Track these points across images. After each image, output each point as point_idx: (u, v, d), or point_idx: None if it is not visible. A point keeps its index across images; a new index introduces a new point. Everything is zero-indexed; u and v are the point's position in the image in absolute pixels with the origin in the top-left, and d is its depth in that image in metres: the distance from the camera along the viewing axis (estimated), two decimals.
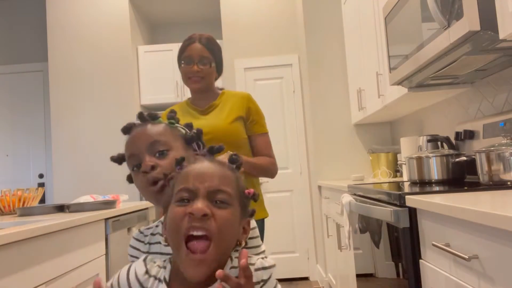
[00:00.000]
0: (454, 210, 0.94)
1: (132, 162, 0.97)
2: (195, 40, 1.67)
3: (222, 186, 0.76)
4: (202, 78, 1.66)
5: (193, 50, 1.65)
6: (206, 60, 1.66)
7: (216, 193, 0.75)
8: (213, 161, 0.82)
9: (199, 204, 0.72)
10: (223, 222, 0.74)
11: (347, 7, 3.29)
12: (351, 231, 2.05)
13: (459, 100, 2.18)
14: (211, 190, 0.75)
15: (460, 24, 1.31)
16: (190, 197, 0.75)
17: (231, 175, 0.81)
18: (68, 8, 4.16)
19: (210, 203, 0.74)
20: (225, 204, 0.76)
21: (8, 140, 4.71)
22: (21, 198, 2.14)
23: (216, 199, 0.75)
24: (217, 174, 0.77)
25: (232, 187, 0.78)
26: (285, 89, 4.00)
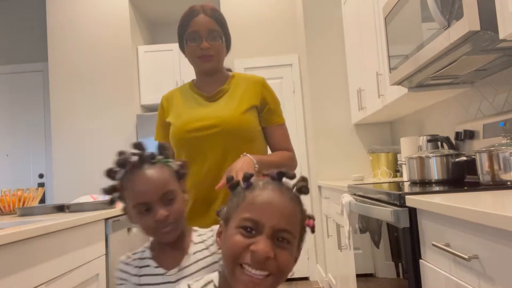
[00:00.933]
0: (454, 210, 0.94)
1: (141, 208, 0.99)
2: (199, 12, 1.39)
3: (289, 226, 0.76)
4: (213, 56, 1.39)
5: (199, 24, 1.37)
6: (216, 33, 1.38)
7: (281, 232, 0.75)
8: (282, 190, 0.80)
9: (263, 245, 0.72)
10: (284, 263, 0.75)
11: (347, 7, 3.28)
12: (351, 231, 2.05)
13: (459, 100, 2.18)
14: (277, 229, 0.74)
15: (460, 24, 1.31)
16: (254, 228, 0.74)
17: (298, 211, 0.80)
18: (68, 8, 4.16)
19: (273, 242, 0.74)
20: (288, 244, 0.76)
21: (8, 140, 4.71)
22: (21, 198, 2.14)
23: (280, 237, 0.75)
24: (286, 213, 0.76)
25: (297, 226, 0.78)
26: (285, 89, 4.00)
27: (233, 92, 1.44)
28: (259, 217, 0.74)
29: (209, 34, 1.38)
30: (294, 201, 0.79)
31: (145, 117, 4.02)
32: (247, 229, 0.74)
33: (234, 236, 0.75)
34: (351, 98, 3.36)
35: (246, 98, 1.41)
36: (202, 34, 1.37)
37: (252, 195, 0.77)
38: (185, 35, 1.41)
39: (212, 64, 1.40)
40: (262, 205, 0.75)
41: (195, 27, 1.38)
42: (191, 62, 1.45)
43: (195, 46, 1.39)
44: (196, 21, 1.38)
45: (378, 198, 1.63)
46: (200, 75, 1.47)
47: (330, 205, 2.97)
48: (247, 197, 0.77)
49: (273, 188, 0.78)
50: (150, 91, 4.23)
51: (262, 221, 0.73)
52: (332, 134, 3.45)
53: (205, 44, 1.37)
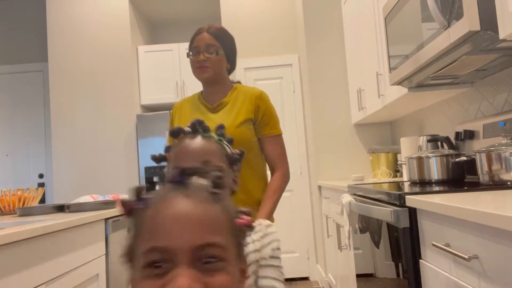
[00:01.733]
0: (454, 210, 0.94)
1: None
2: (203, 31, 1.59)
3: (211, 237, 0.53)
4: (209, 67, 1.55)
5: (199, 40, 1.57)
6: (212, 48, 1.56)
7: (203, 249, 0.53)
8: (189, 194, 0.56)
9: (180, 281, 0.50)
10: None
11: (347, 7, 3.28)
12: (351, 231, 2.05)
13: (459, 100, 2.18)
14: (195, 249, 0.52)
15: (460, 24, 1.31)
16: (165, 260, 0.52)
17: (219, 212, 0.57)
18: (68, 8, 4.16)
19: (197, 268, 0.52)
20: (220, 262, 0.53)
21: (8, 140, 4.71)
22: (21, 198, 2.14)
23: (205, 257, 0.53)
24: (202, 222, 0.54)
25: (224, 231, 0.56)
26: (285, 89, 4.00)
27: (233, 105, 1.59)
28: (166, 242, 0.52)
29: (206, 48, 1.56)
30: (208, 202, 0.56)
31: (145, 117, 4.02)
32: (156, 264, 0.52)
33: (141, 283, 0.52)
34: (351, 98, 3.36)
35: (243, 111, 1.56)
36: (201, 49, 1.56)
37: (150, 216, 0.55)
38: (190, 50, 1.61)
39: (207, 74, 1.57)
40: (165, 224, 0.53)
41: (196, 43, 1.58)
42: (193, 74, 1.62)
43: (194, 59, 1.58)
44: (197, 38, 1.58)
45: (378, 198, 1.63)
46: (203, 85, 1.65)
47: (330, 205, 2.97)
48: (145, 220, 0.55)
49: (174, 196, 0.56)
50: (150, 91, 4.23)
51: (171, 247, 0.51)
52: (332, 134, 3.46)
53: (201, 56, 1.56)
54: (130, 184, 3.96)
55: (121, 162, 4.02)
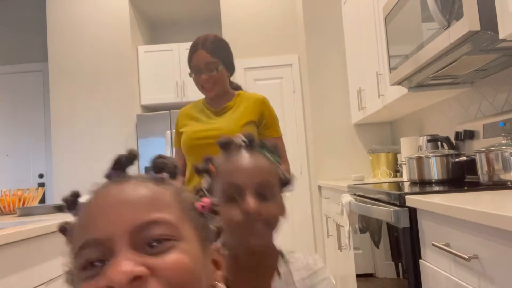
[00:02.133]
0: (454, 210, 0.94)
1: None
2: (199, 47, 1.61)
3: (153, 213, 0.45)
4: (214, 84, 1.63)
5: (198, 60, 1.61)
6: (212, 66, 1.60)
7: (145, 229, 0.44)
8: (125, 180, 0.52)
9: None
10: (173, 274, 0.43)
11: (347, 7, 3.28)
12: (351, 231, 2.05)
13: (459, 100, 2.18)
14: (134, 228, 0.44)
15: (460, 24, 1.31)
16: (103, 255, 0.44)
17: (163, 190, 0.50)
18: (68, 8, 4.16)
19: (139, 252, 0.43)
20: (168, 242, 0.45)
21: (8, 140, 4.71)
22: (21, 198, 2.14)
23: (150, 240, 0.44)
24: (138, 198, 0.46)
25: (173, 208, 0.48)
26: (285, 89, 4.00)
27: (237, 108, 1.66)
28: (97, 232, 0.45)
29: (206, 67, 1.61)
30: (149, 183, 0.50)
31: (145, 117, 4.02)
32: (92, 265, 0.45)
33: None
34: (351, 98, 3.36)
35: (246, 114, 1.63)
36: (200, 68, 1.61)
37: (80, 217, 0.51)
38: (190, 68, 1.66)
39: (213, 93, 1.64)
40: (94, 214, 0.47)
41: (195, 62, 1.62)
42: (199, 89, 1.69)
43: (197, 78, 1.64)
44: (196, 56, 1.62)
45: (378, 198, 1.63)
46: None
47: (330, 205, 2.97)
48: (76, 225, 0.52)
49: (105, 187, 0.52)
50: (150, 91, 4.23)
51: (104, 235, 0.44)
52: (332, 134, 3.45)
53: (204, 77, 1.61)
54: None
55: None
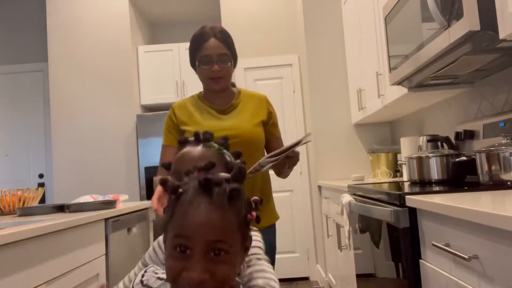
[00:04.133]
0: (454, 210, 0.94)
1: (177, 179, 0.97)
2: (210, 35, 1.51)
3: (223, 236, 0.71)
4: (223, 78, 1.54)
5: (210, 49, 1.50)
6: (225, 57, 1.52)
7: (215, 243, 0.70)
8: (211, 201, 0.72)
9: (194, 272, 0.68)
10: (223, 277, 0.70)
11: (347, 7, 3.28)
12: (351, 231, 2.05)
13: (459, 100, 2.18)
14: (210, 242, 0.70)
15: (460, 24, 1.31)
16: (186, 246, 0.70)
17: (233, 216, 0.73)
18: (68, 8, 4.16)
19: (208, 257, 0.70)
20: (226, 255, 0.71)
21: (8, 140, 4.71)
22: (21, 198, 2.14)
23: (216, 250, 0.70)
24: (217, 224, 0.71)
25: (233, 232, 0.73)
26: (285, 89, 4.00)
27: (243, 107, 1.61)
28: (189, 235, 0.70)
29: (219, 58, 1.51)
30: (226, 208, 0.72)
31: (145, 117, 4.02)
32: (180, 248, 0.70)
33: (169, 260, 0.72)
34: (351, 98, 3.36)
35: (257, 113, 1.60)
36: (213, 58, 1.51)
37: (180, 211, 0.72)
38: (197, 58, 1.54)
39: (221, 85, 1.56)
40: (191, 221, 0.70)
41: (208, 51, 1.51)
42: (202, 82, 1.59)
43: (207, 69, 1.52)
44: (207, 45, 1.51)
45: (378, 198, 1.63)
46: (210, 92, 1.61)
47: (330, 205, 2.97)
48: (177, 211, 0.73)
49: (201, 200, 0.72)
50: (150, 91, 4.23)
51: (192, 239, 0.69)
52: (332, 134, 3.45)
53: (216, 67, 1.51)
54: (130, 184, 3.97)
55: (121, 162, 4.02)
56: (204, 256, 0.69)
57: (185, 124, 1.58)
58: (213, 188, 0.73)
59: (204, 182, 0.73)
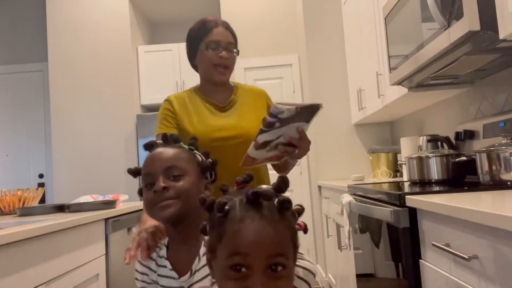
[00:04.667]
0: (454, 210, 0.94)
1: (146, 180, 1.00)
2: (218, 23, 1.45)
3: (281, 249, 0.69)
4: (229, 68, 1.46)
5: (219, 35, 1.43)
6: (232, 47, 1.46)
7: (274, 258, 0.69)
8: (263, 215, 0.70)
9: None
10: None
11: (347, 7, 3.28)
12: (351, 231, 2.05)
13: (459, 100, 2.18)
14: (269, 259, 0.68)
15: (460, 24, 1.31)
16: (244, 265, 0.68)
17: (286, 229, 0.72)
18: (68, 8, 4.16)
19: (268, 274, 0.68)
20: (284, 270, 0.70)
21: (8, 140, 4.71)
22: (21, 198, 2.14)
23: (274, 265, 0.69)
24: (275, 238, 0.69)
25: (289, 244, 0.72)
26: (285, 89, 4.00)
27: (242, 102, 1.51)
28: (247, 252, 0.68)
29: (228, 45, 1.44)
30: (278, 221, 0.71)
31: (145, 117, 4.02)
32: (237, 267, 0.68)
33: (225, 282, 0.69)
34: (351, 98, 3.36)
35: (257, 110, 1.50)
36: (222, 44, 1.43)
37: (233, 229, 0.70)
38: (204, 43, 1.44)
39: (225, 77, 1.46)
40: (246, 238, 0.68)
41: (216, 37, 1.43)
42: (204, 71, 1.48)
43: (214, 54, 1.43)
44: (217, 31, 1.44)
45: (378, 198, 1.63)
46: (209, 84, 1.50)
47: (330, 205, 2.97)
48: (228, 229, 0.70)
49: (253, 216, 0.70)
50: (150, 91, 4.23)
51: (251, 256, 0.67)
52: (332, 134, 3.45)
53: (225, 53, 1.43)
54: (130, 184, 3.97)
55: (121, 162, 4.02)
56: (263, 272, 0.68)
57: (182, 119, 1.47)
58: (262, 202, 0.72)
59: (253, 197, 0.71)
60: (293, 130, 1.17)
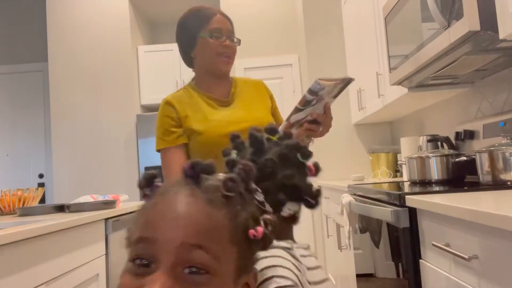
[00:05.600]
0: (454, 210, 0.94)
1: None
2: (215, 11, 1.36)
3: (203, 241, 0.47)
4: (231, 57, 1.37)
5: (220, 22, 1.34)
6: (233, 36, 1.38)
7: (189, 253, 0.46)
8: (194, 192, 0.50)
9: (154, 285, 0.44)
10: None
11: (347, 7, 3.28)
12: (351, 231, 2.05)
13: (459, 100, 2.18)
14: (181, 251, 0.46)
15: (460, 24, 1.31)
16: (149, 257, 0.47)
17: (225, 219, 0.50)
18: (68, 8, 4.16)
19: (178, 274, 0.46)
20: (205, 276, 0.47)
21: (8, 140, 4.71)
22: (21, 198, 2.14)
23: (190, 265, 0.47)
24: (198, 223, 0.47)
25: (222, 242, 0.49)
26: (285, 89, 4.00)
27: (246, 94, 1.44)
28: (154, 233, 0.47)
29: (229, 34, 1.37)
30: (215, 205, 0.50)
31: (145, 117, 4.02)
32: (141, 260, 0.47)
33: (121, 278, 0.49)
34: (351, 98, 3.36)
35: (264, 101, 1.46)
36: (224, 33, 1.34)
37: (149, 207, 0.52)
38: (206, 31, 1.33)
39: (229, 67, 1.38)
40: (159, 216, 0.48)
41: (218, 24, 1.34)
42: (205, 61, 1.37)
43: (217, 42, 1.33)
44: (217, 19, 1.35)
45: (378, 198, 1.63)
46: (209, 76, 1.40)
47: (330, 205, 2.97)
48: (144, 209, 0.52)
49: (179, 191, 0.51)
50: (150, 91, 4.23)
51: (158, 239, 0.47)
52: (332, 134, 3.43)
53: (228, 42, 1.34)
54: (130, 184, 3.97)
55: (121, 162, 4.02)
56: (172, 269, 0.46)
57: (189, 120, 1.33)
58: (200, 176, 0.52)
59: (189, 167, 0.52)
60: (320, 107, 1.11)
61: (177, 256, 0.46)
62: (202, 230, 0.47)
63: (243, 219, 0.52)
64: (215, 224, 0.49)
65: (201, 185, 0.51)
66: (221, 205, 0.51)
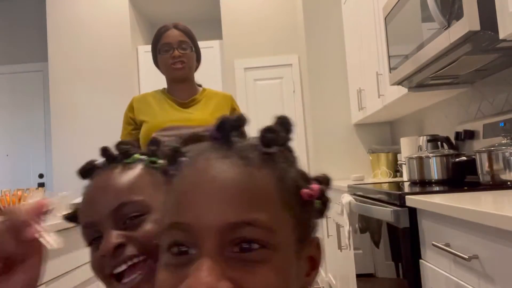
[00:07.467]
0: (454, 210, 0.94)
1: (88, 235, 0.63)
2: (170, 27, 1.57)
3: (251, 212, 0.38)
4: (184, 64, 1.56)
5: (170, 37, 1.55)
6: (186, 44, 1.56)
7: (237, 230, 0.37)
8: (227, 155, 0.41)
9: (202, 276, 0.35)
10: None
11: (347, 7, 3.28)
12: (351, 231, 2.05)
13: (459, 100, 2.18)
14: (226, 229, 0.37)
15: (460, 24, 1.31)
16: (188, 243, 0.38)
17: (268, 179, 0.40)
18: (68, 8, 4.16)
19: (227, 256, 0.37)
20: (262, 250, 0.38)
21: (8, 140, 4.71)
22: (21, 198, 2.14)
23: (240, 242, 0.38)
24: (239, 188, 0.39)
25: (274, 206, 0.40)
26: (285, 89, 4.00)
27: (206, 102, 1.61)
28: (190, 217, 0.38)
29: (180, 44, 1.55)
30: (255, 164, 0.40)
31: None
32: (178, 247, 0.39)
33: (158, 274, 0.40)
34: (351, 98, 3.36)
35: (219, 108, 1.59)
36: (174, 45, 1.54)
37: (178, 183, 0.41)
38: (158, 47, 1.57)
39: (183, 71, 1.57)
40: (192, 194, 0.39)
41: (167, 40, 1.55)
42: (163, 72, 1.62)
43: (167, 56, 1.55)
44: (167, 34, 1.55)
45: (378, 198, 1.63)
46: (172, 82, 1.63)
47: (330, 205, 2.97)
48: (172, 189, 0.42)
49: (208, 157, 0.41)
50: None
51: (195, 224, 0.37)
52: (332, 134, 3.45)
53: (177, 52, 1.54)
54: None
55: None
56: (218, 252, 0.37)
57: (141, 114, 1.60)
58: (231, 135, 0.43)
59: (217, 128, 0.42)
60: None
61: (223, 239, 0.37)
62: (247, 200, 0.38)
63: (293, 178, 0.44)
64: (261, 187, 0.39)
65: (233, 146, 0.42)
66: (264, 163, 0.41)
